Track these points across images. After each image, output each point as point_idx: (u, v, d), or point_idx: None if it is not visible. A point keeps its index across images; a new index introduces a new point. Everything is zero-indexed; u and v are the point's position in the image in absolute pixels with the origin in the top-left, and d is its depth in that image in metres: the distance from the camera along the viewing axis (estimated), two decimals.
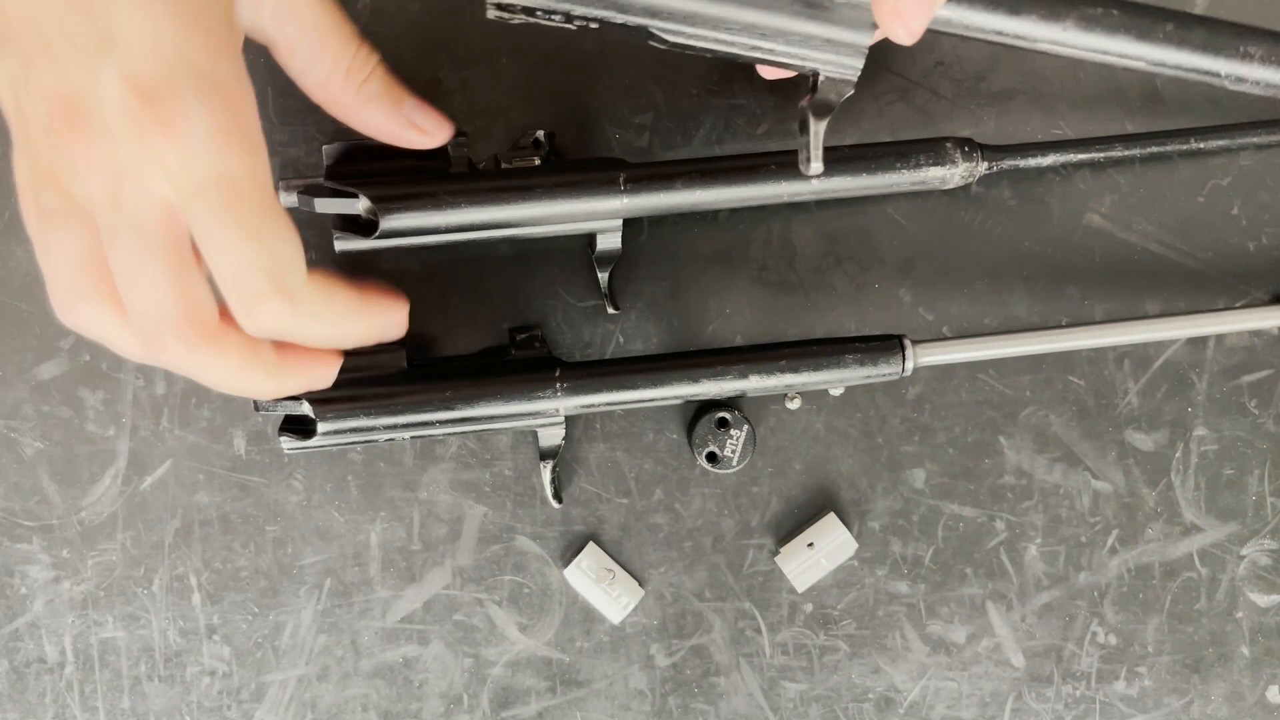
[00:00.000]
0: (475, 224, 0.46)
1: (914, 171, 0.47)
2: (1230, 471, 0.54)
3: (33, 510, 0.53)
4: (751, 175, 0.48)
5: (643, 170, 0.47)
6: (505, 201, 0.46)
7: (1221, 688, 0.54)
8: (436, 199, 0.45)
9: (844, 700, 0.54)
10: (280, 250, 0.35)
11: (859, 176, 0.48)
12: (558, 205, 0.46)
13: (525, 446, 0.53)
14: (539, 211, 0.46)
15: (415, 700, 0.53)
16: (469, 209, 0.46)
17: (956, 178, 0.48)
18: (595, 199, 0.47)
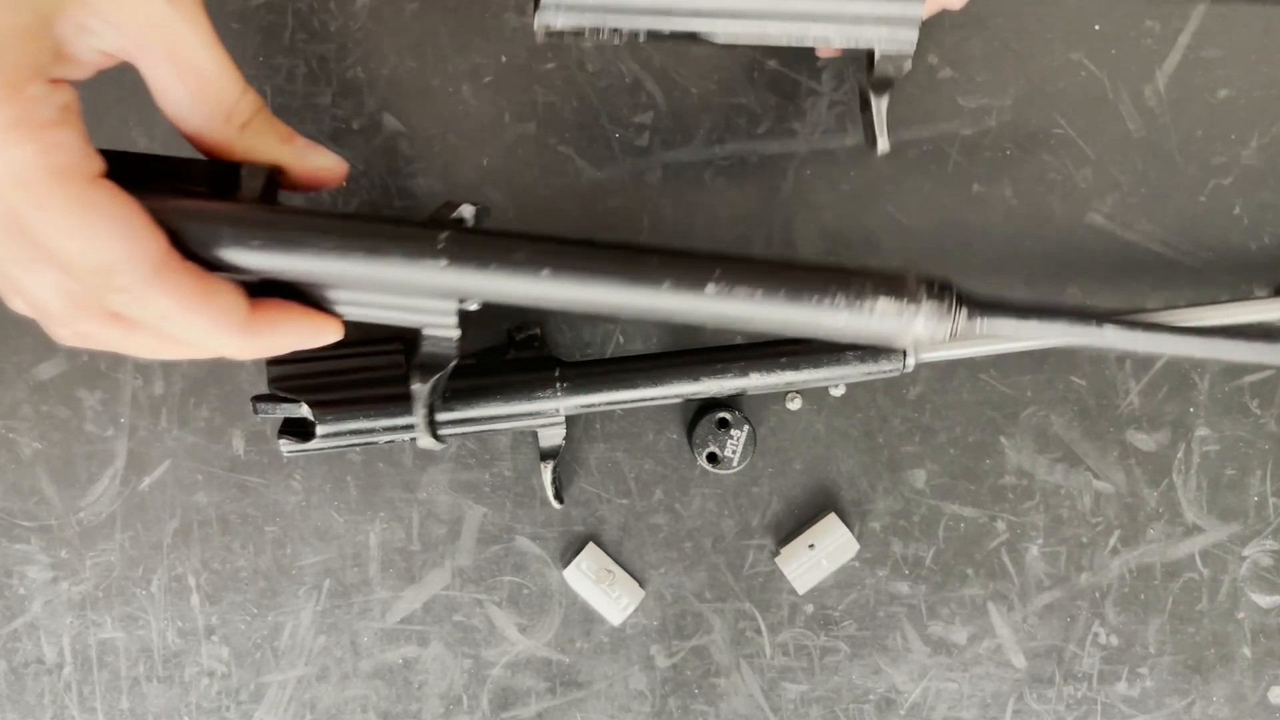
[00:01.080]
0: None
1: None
2: (1232, 472, 0.54)
3: (31, 510, 0.53)
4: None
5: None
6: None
7: (1223, 688, 0.54)
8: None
9: (845, 701, 0.53)
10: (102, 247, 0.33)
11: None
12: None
13: (525, 447, 0.53)
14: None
15: (415, 701, 0.53)
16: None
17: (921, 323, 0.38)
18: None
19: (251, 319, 0.37)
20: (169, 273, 0.34)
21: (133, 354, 0.38)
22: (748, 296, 0.36)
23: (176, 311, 0.35)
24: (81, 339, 0.36)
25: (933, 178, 0.53)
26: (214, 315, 0.36)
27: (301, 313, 0.38)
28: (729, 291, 0.36)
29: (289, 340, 0.38)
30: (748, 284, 0.36)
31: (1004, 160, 0.53)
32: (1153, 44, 0.53)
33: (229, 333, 0.36)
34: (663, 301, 0.36)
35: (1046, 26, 0.52)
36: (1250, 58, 0.53)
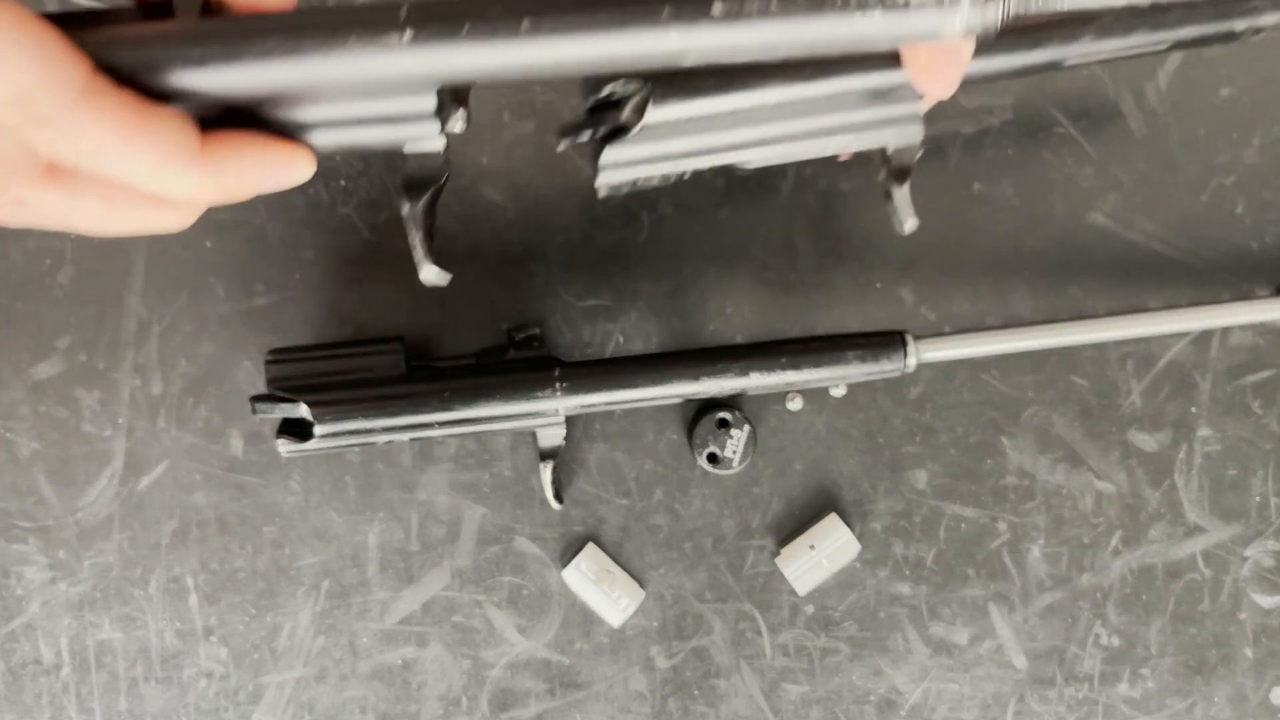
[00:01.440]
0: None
1: None
2: (1234, 472, 0.54)
3: (29, 511, 0.52)
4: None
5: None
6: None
7: (1225, 689, 0.54)
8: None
9: (845, 702, 0.53)
10: (15, 72, 0.29)
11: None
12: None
13: (525, 447, 0.53)
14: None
15: (414, 702, 0.53)
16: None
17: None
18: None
19: (206, 149, 0.32)
20: (96, 96, 0.30)
21: (81, 228, 0.33)
22: (763, 11, 0.31)
23: (113, 141, 0.30)
24: (21, 211, 0.32)
25: (934, 177, 0.52)
26: (158, 143, 0.31)
27: (265, 141, 0.33)
28: (739, 10, 0.31)
29: (255, 174, 0.34)
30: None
31: (1005, 159, 0.53)
32: None
33: (180, 164, 0.32)
34: (665, 39, 0.32)
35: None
36: (1252, 56, 0.53)
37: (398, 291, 0.52)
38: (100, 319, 0.52)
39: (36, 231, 0.51)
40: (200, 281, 0.52)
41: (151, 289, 0.52)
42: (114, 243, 0.52)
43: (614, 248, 0.52)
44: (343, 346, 0.49)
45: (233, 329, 0.52)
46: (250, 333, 0.52)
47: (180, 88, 0.32)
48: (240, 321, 0.52)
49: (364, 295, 0.52)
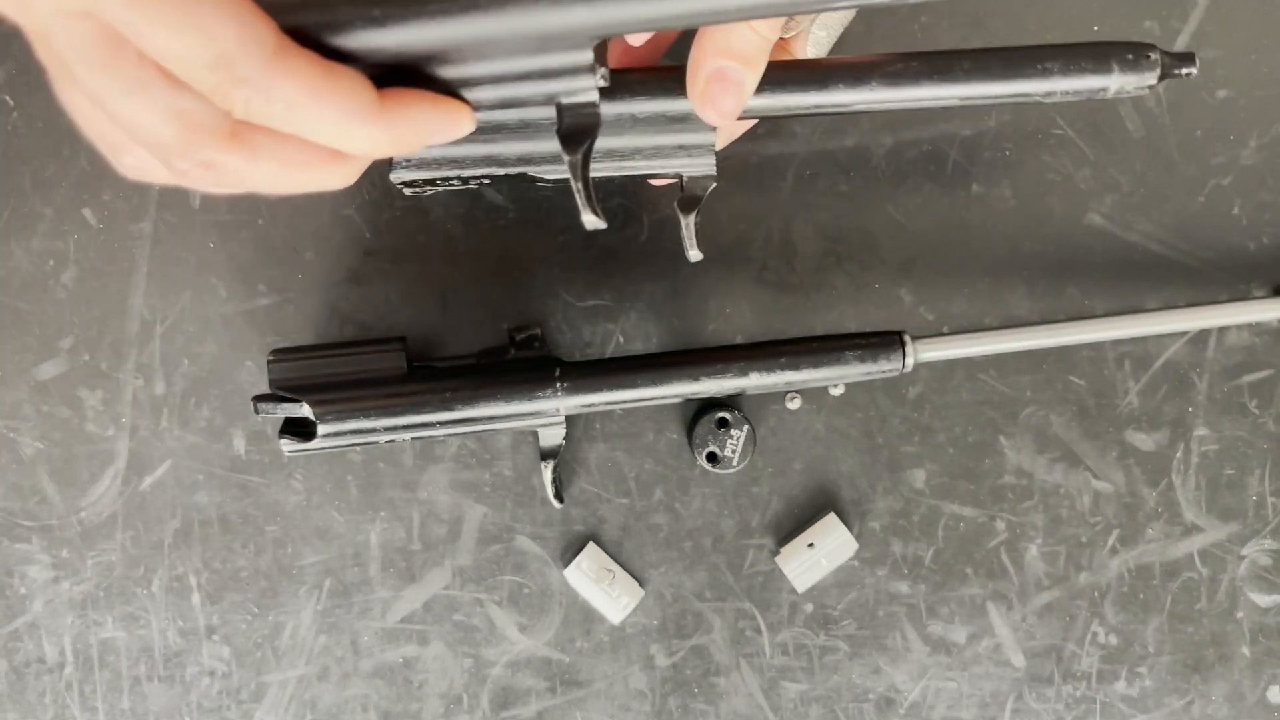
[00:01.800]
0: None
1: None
2: (1231, 471, 0.54)
3: (32, 510, 0.53)
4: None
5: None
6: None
7: (1222, 688, 0.54)
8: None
9: (844, 700, 0.54)
10: (216, 36, 0.31)
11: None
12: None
13: (525, 447, 0.53)
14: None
15: (415, 700, 0.53)
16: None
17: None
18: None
19: (383, 104, 0.34)
20: (289, 56, 0.32)
21: (257, 186, 0.35)
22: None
23: (303, 98, 0.32)
24: (205, 172, 0.34)
25: (932, 178, 0.53)
26: (343, 98, 0.33)
27: (433, 98, 0.36)
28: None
29: (424, 128, 0.36)
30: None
31: (1003, 161, 0.53)
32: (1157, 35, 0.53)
33: (362, 119, 0.33)
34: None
35: (1046, 27, 0.52)
36: (1249, 58, 0.53)
37: (399, 292, 0.52)
38: (103, 319, 0.52)
39: (41, 232, 0.52)
40: (203, 282, 0.52)
41: (154, 289, 0.52)
42: (117, 243, 0.52)
43: (614, 248, 0.53)
44: (345, 346, 0.49)
45: (235, 329, 0.52)
46: (253, 333, 0.52)
47: (361, 47, 0.34)
48: (243, 322, 0.52)
49: (366, 296, 0.52)
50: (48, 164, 0.51)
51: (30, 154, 0.51)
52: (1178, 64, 0.42)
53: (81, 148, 0.51)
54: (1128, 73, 0.43)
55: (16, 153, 0.51)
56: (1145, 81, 0.42)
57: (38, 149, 0.51)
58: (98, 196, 0.52)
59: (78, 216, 0.52)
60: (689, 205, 0.43)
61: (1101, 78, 0.42)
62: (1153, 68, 0.42)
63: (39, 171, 0.51)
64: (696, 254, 0.43)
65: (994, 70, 0.43)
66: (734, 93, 0.39)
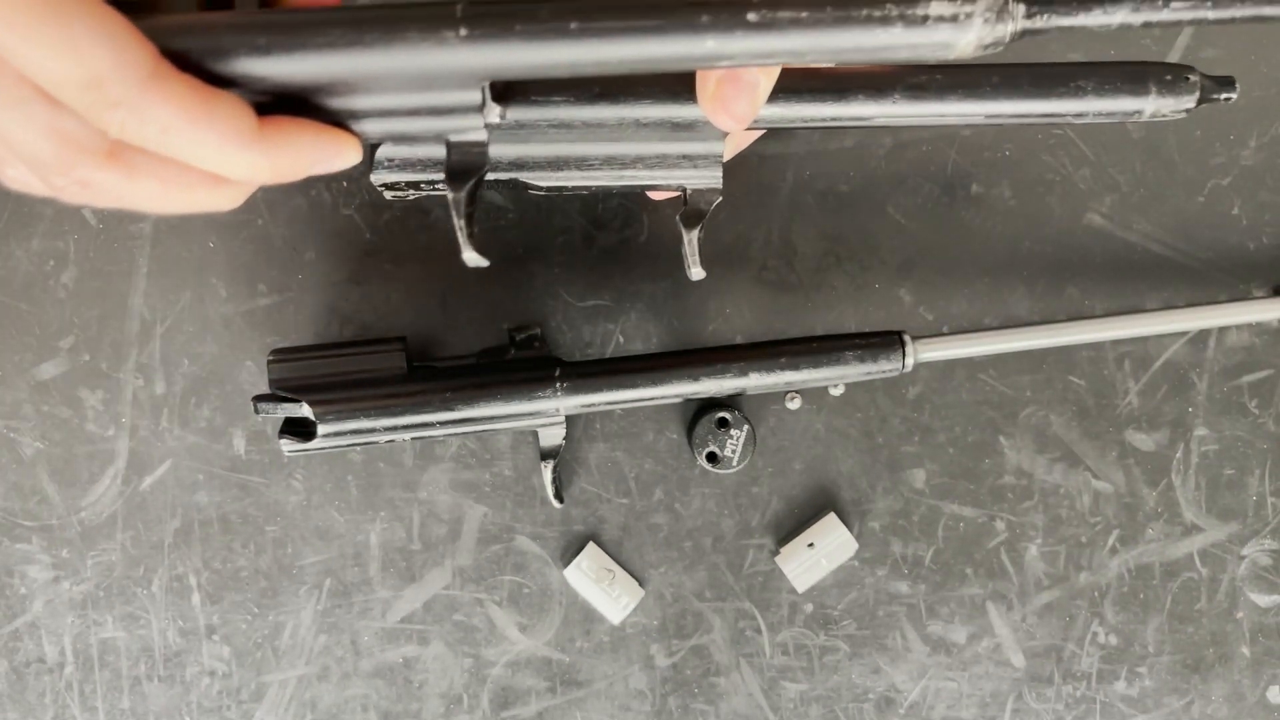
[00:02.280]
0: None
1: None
2: (1231, 471, 0.54)
3: (32, 510, 0.53)
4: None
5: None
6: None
7: (1222, 688, 0.54)
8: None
9: (844, 700, 0.54)
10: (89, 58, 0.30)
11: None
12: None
13: (525, 446, 0.53)
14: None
15: (415, 700, 0.53)
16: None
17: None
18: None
19: (263, 131, 0.34)
20: (165, 80, 0.32)
21: (137, 205, 0.35)
22: (793, 23, 0.34)
23: (179, 122, 0.32)
24: (82, 189, 0.34)
25: (932, 178, 0.53)
26: (220, 124, 0.33)
27: (318, 127, 0.35)
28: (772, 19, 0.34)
29: (307, 157, 0.35)
30: (792, 7, 0.34)
31: (1003, 160, 0.53)
32: (1152, 44, 0.53)
33: (240, 145, 0.33)
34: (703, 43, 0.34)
35: None
36: (1249, 58, 0.53)
37: (399, 292, 0.52)
38: (103, 319, 0.52)
39: (41, 232, 0.52)
40: (203, 282, 0.52)
41: (154, 289, 0.52)
42: (117, 243, 0.52)
43: (614, 248, 0.53)
44: (345, 346, 0.49)
45: (235, 329, 0.52)
46: (253, 333, 0.52)
47: (243, 74, 0.34)
48: (243, 322, 0.52)
49: (366, 296, 0.52)
50: None
51: None
52: (1217, 88, 0.40)
53: None
54: (1165, 95, 0.40)
55: None
56: (1183, 105, 0.40)
57: None
58: None
59: (78, 216, 0.52)
60: (692, 220, 0.41)
61: (1137, 100, 0.40)
62: (1191, 90, 0.40)
63: None
64: (699, 272, 0.41)
65: (1023, 87, 0.41)
66: (748, 95, 0.37)
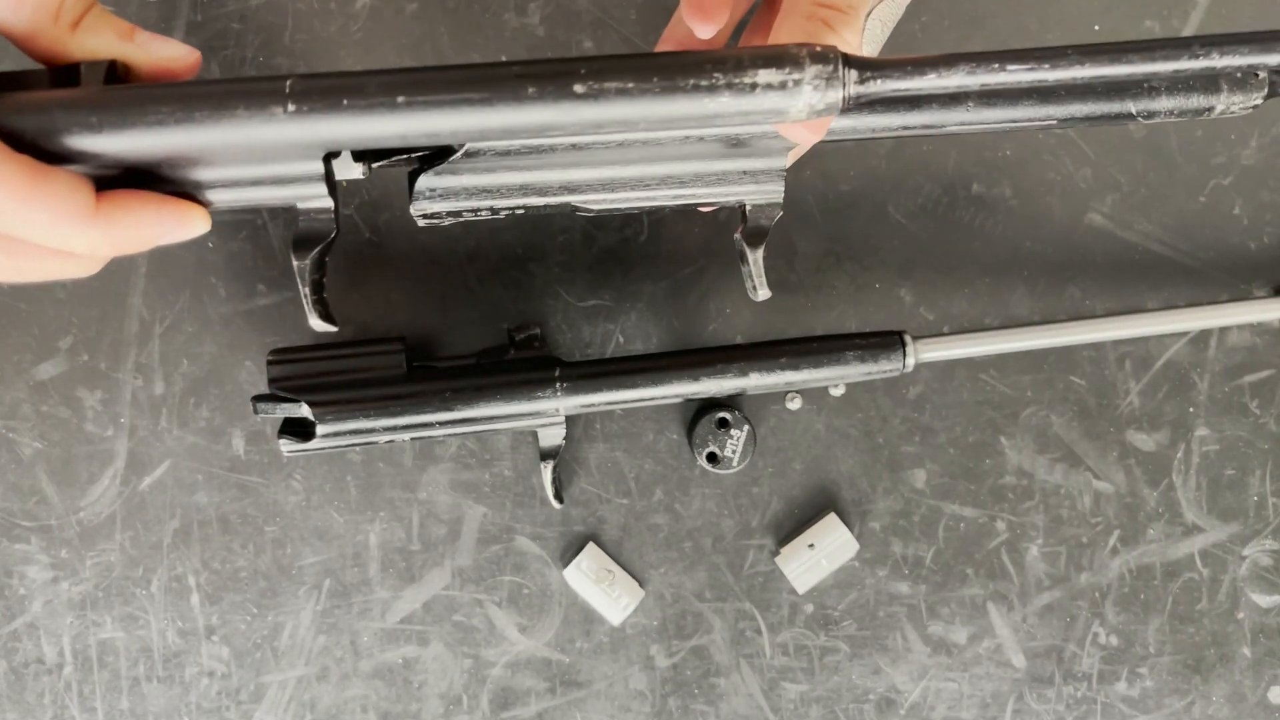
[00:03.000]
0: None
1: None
2: (1232, 472, 0.54)
3: (31, 510, 0.53)
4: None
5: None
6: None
7: (1223, 688, 0.54)
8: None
9: (844, 701, 0.54)
10: None
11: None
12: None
13: (525, 447, 0.53)
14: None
15: (415, 701, 0.53)
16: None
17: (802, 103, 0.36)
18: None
19: (100, 207, 0.34)
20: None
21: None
22: (620, 94, 0.34)
23: (10, 203, 0.32)
24: None
25: (933, 178, 0.53)
26: (52, 203, 0.33)
27: (160, 200, 0.35)
28: (599, 90, 0.34)
29: (149, 229, 0.35)
30: (618, 78, 0.34)
31: (1003, 160, 0.53)
32: None
33: (75, 223, 0.33)
34: (531, 114, 0.34)
35: (1046, 26, 0.52)
36: None
37: (399, 292, 0.52)
38: (102, 319, 0.52)
39: None
40: (202, 282, 0.52)
41: (153, 289, 0.52)
42: None
43: (614, 248, 0.53)
44: (344, 347, 0.49)
45: (234, 329, 0.52)
46: (252, 333, 0.52)
47: (78, 150, 0.34)
48: (242, 322, 0.52)
49: (365, 295, 0.52)
50: None
51: None
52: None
53: None
54: (1235, 92, 0.40)
55: None
56: (1252, 101, 0.40)
57: None
58: None
59: None
60: (756, 239, 0.39)
61: (1209, 97, 0.40)
62: (1260, 87, 0.40)
63: None
64: (765, 293, 0.40)
65: (1097, 89, 0.40)
66: None
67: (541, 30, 0.52)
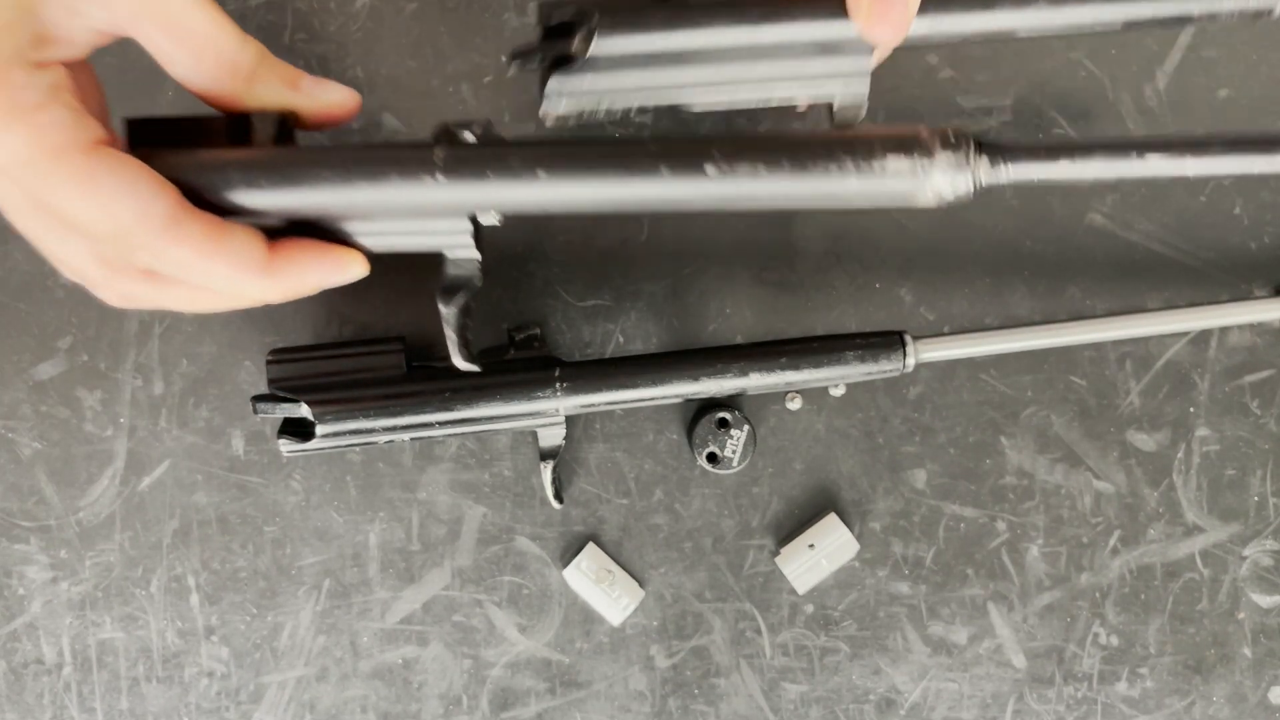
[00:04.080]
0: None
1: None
2: (1232, 472, 0.54)
3: (30, 511, 0.53)
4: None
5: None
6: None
7: (1223, 689, 0.54)
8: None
9: (845, 701, 0.53)
10: (114, 212, 0.35)
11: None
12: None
13: (525, 447, 0.53)
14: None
15: (414, 701, 0.53)
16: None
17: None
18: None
19: (271, 259, 0.38)
20: (179, 225, 0.36)
21: (174, 308, 0.40)
22: (750, 173, 0.37)
23: (193, 259, 0.36)
24: (127, 299, 0.39)
25: None
26: (230, 259, 0.37)
27: (323, 248, 0.40)
28: (730, 170, 0.37)
29: (314, 277, 0.40)
30: (749, 160, 0.37)
31: None
32: (1153, 44, 0.53)
33: (250, 274, 0.38)
34: (664, 190, 0.37)
35: None
36: (1250, 58, 0.53)
37: (399, 292, 0.52)
38: (102, 319, 0.52)
39: None
40: None
41: None
42: None
43: (614, 248, 0.53)
44: (344, 346, 0.49)
45: (234, 329, 0.52)
46: (251, 333, 0.52)
47: (253, 207, 0.38)
48: (241, 321, 0.52)
49: (365, 295, 0.52)
50: None
51: None
52: None
53: None
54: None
55: None
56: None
57: None
58: None
59: None
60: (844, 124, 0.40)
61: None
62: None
63: None
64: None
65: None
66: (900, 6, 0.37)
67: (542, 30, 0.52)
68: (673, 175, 0.37)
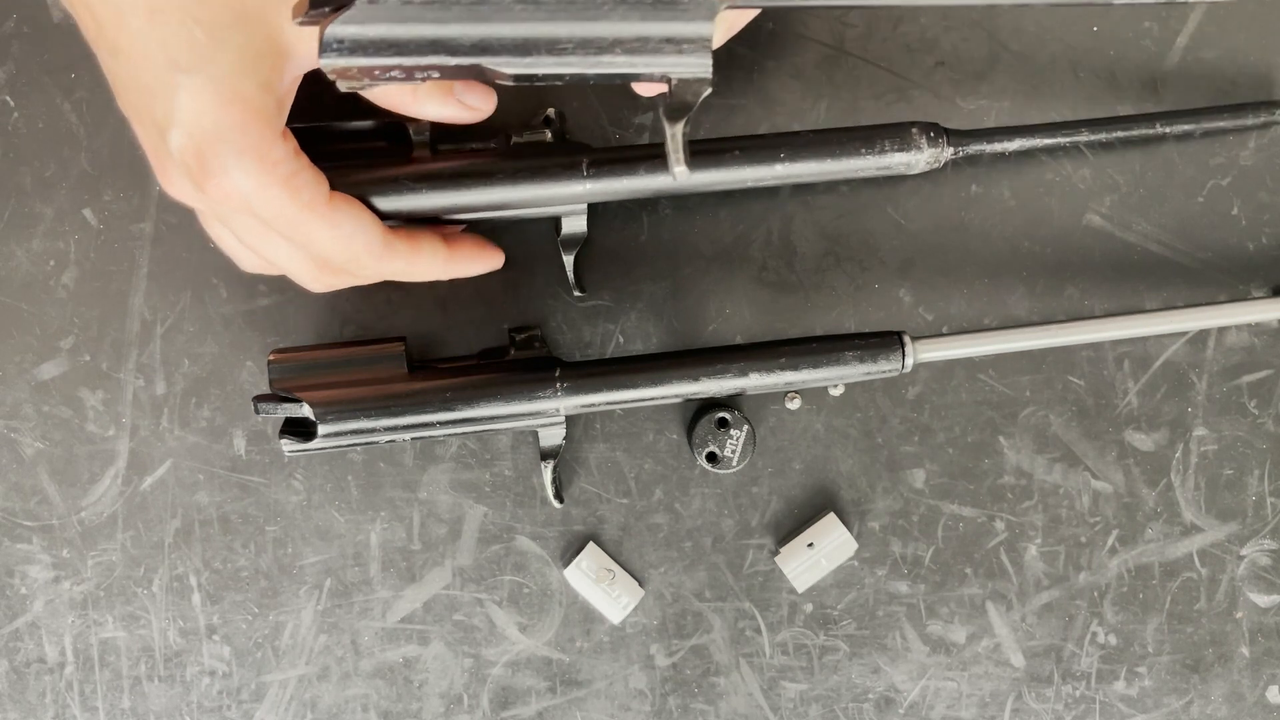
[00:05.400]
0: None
1: (878, 156, 0.48)
2: (1230, 471, 0.54)
3: (33, 510, 0.53)
4: (714, 160, 0.47)
5: (606, 154, 0.47)
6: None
7: (1221, 688, 0.54)
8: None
9: (844, 700, 0.54)
10: (349, 245, 0.43)
11: (823, 161, 0.48)
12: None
13: (525, 446, 0.53)
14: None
15: (415, 700, 0.53)
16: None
17: (921, 163, 0.48)
18: (558, 184, 0.47)
19: (450, 255, 0.47)
20: (390, 247, 0.45)
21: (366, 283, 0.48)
22: (806, 159, 0.47)
23: (403, 268, 0.46)
24: (327, 287, 0.47)
25: (932, 178, 0.53)
26: (426, 262, 0.46)
27: (481, 244, 0.49)
28: (794, 161, 0.47)
29: (475, 265, 0.49)
30: (806, 155, 0.47)
31: (1003, 160, 0.53)
32: (1151, 45, 0.53)
33: (437, 269, 0.47)
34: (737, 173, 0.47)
35: (1045, 27, 0.52)
36: (1249, 58, 0.53)
37: (400, 292, 0.52)
38: (104, 320, 0.52)
39: (41, 233, 0.52)
40: (203, 282, 0.52)
41: (155, 290, 0.52)
42: (117, 244, 0.52)
43: (614, 248, 0.53)
44: (345, 347, 0.49)
45: (236, 329, 0.52)
46: (253, 333, 0.52)
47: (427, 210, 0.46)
48: (243, 322, 0.52)
49: (366, 296, 0.52)
50: (48, 164, 0.52)
51: (30, 154, 0.51)
52: None
53: (82, 148, 0.51)
54: None
55: (16, 153, 0.51)
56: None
57: (38, 149, 0.51)
58: (98, 196, 0.52)
59: (78, 216, 0.52)
60: (677, 113, 0.37)
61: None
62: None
63: (39, 171, 0.52)
64: (683, 171, 0.37)
65: None
66: None
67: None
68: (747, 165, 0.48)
